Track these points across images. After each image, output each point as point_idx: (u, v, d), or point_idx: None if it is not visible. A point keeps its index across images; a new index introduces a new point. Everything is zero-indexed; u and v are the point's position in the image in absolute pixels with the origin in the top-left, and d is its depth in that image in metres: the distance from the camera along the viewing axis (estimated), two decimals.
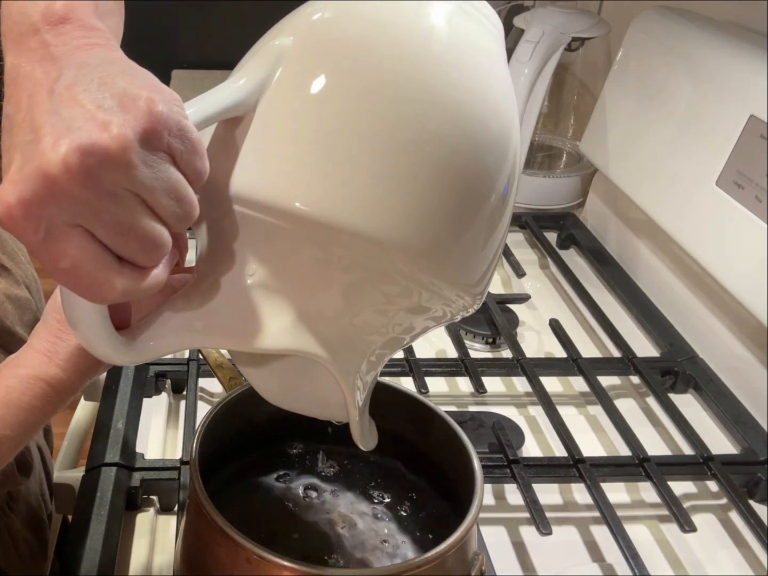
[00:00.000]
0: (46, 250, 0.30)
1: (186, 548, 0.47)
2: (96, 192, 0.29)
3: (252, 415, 0.53)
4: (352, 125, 0.35)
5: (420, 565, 0.41)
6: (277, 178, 0.35)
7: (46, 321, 0.43)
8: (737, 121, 0.76)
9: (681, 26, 0.89)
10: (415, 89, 0.35)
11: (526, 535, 0.62)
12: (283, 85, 0.36)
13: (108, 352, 0.36)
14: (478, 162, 0.36)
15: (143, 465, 0.62)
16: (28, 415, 0.41)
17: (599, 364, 0.79)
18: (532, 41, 1.00)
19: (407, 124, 0.35)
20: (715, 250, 0.77)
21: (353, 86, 0.35)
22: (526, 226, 1.05)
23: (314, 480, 0.55)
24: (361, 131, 0.35)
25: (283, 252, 0.36)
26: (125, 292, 0.32)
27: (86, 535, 0.55)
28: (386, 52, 0.35)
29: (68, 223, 0.30)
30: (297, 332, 0.37)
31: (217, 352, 0.62)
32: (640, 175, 0.91)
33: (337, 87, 0.35)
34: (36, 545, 0.65)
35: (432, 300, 0.39)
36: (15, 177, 0.29)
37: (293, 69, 0.36)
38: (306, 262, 0.36)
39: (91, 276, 0.31)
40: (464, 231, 0.37)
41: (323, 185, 0.34)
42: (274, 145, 0.35)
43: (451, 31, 0.37)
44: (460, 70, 0.36)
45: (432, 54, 0.36)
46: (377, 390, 0.46)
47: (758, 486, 0.66)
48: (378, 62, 0.35)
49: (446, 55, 0.36)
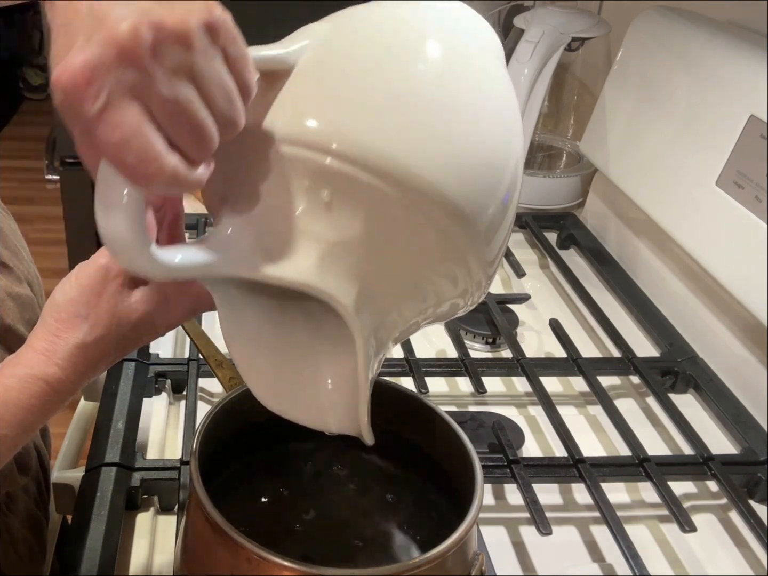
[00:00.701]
0: (102, 120, 0.31)
1: (186, 548, 0.47)
2: (159, 66, 0.31)
3: (252, 415, 0.53)
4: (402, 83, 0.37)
5: (420, 565, 0.41)
6: (344, 122, 0.36)
7: (44, 320, 0.43)
8: (737, 121, 0.76)
9: (681, 26, 0.89)
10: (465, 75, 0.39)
11: (526, 535, 0.62)
12: (333, 46, 0.39)
13: (134, 254, 0.35)
14: (508, 143, 0.40)
15: (143, 465, 0.62)
16: (26, 414, 0.41)
17: (599, 364, 0.79)
18: (532, 41, 1.00)
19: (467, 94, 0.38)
20: (715, 250, 0.77)
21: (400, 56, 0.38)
22: (526, 226, 1.05)
23: (314, 480, 0.55)
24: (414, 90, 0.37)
25: (327, 193, 0.37)
26: (171, 178, 0.32)
27: (86, 535, 0.55)
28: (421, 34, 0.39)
29: (128, 94, 0.31)
30: (324, 272, 0.37)
31: (217, 352, 0.62)
32: (640, 175, 0.91)
33: (386, 54, 0.38)
34: (35, 545, 0.65)
35: (455, 267, 0.40)
36: (81, 46, 0.30)
37: (339, 34, 0.39)
38: (348, 206, 0.37)
39: (142, 151, 0.31)
40: (492, 197, 0.39)
41: (385, 132, 0.36)
42: (337, 94, 0.37)
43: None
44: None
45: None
46: (377, 390, 0.46)
47: (758, 486, 0.66)
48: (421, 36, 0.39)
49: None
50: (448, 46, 0.39)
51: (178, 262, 0.37)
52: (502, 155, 0.40)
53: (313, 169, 0.37)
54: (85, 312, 0.42)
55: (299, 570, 0.40)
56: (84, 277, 0.43)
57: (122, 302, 0.43)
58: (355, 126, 0.36)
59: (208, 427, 0.48)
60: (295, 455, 0.55)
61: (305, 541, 0.51)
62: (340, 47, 0.39)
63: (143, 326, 0.44)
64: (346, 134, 0.36)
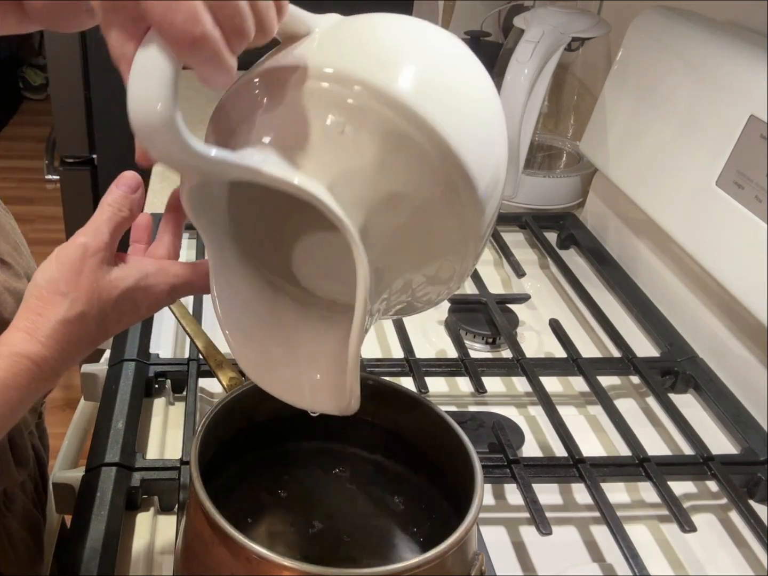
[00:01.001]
0: (181, 10, 0.33)
1: (186, 548, 0.47)
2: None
3: (252, 415, 0.53)
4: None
5: (420, 565, 0.41)
6: (370, 64, 0.40)
7: (26, 301, 0.44)
8: (737, 121, 0.76)
9: (681, 26, 0.89)
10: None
11: (526, 535, 0.62)
12: (349, 22, 0.43)
13: (167, 136, 0.35)
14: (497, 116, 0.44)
15: (143, 465, 0.62)
16: (12, 392, 0.41)
17: (599, 364, 0.79)
18: (532, 41, 1.00)
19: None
20: (715, 250, 0.77)
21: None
22: (526, 226, 1.05)
23: (314, 480, 0.55)
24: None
25: (349, 125, 0.39)
26: (212, 51, 0.35)
27: (86, 535, 0.55)
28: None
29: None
30: (336, 194, 0.39)
31: (217, 352, 0.62)
32: (640, 175, 0.91)
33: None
34: (33, 546, 0.65)
35: (453, 227, 0.42)
36: None
37: (351, 18, 0.43)
38: (366, 135, 0.39)
39: (191, 12, 0.34)
40: (489, 168, 0.42)
41: (410, 83, 0.40)
42: (363, 45, 0.41)
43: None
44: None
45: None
46: (378, 390, 0.46)
47: (758, 486, 0.66)
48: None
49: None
50: (452, 40, 0.44)
51: (214, 156, 0.37)
52: (498, 137, 0.44)
53: (340, 102, 0.39)
54: (66, 289, 0.43)
55: (299, 570, 0.40)
56: (63, 257, 0.43)
57: (102, 278, 0.43)
58: (383, 71, 0.39)
59: (208, 427, 0.48)
60: (295, 455, 0.56)
61: (305, 541, 0.51)
62: (356, 23, 0.43)
63: (124, 304, 0.44)
64: (376, 74, 0.39)
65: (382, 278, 0.42)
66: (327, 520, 0.53)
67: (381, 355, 0.82)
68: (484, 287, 0.88)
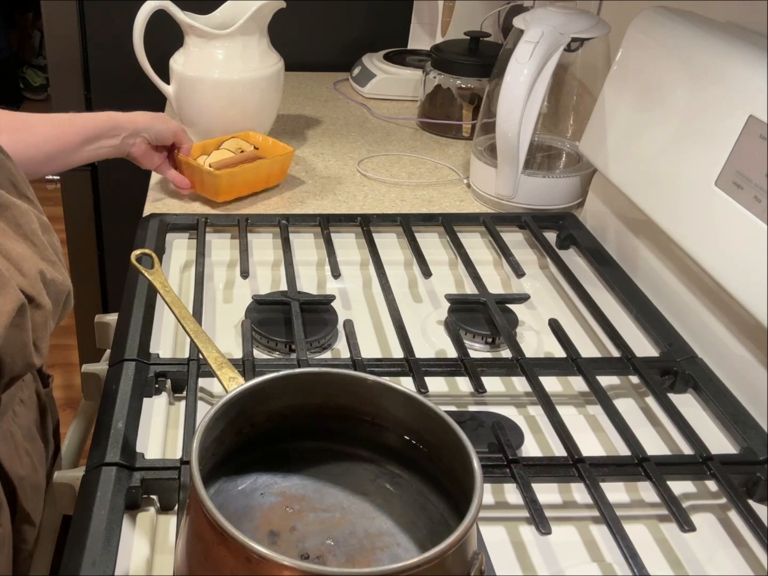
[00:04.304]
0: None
1: (186, 548, 0.47)
2: None
3: (252, 415, 0.53)
4: None
5: (419, 565, 0.41)
6: None
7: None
8: (737, 121, 0.76)
9: (680, 26, 0.89)
10: None
11: (525, 534, 0.62)
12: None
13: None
14: None
15: (143, 465, 0.62)
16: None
17: (599, 364, 0.79)
18: (531, 41, 1.00)
19: None
20: (715, 251, 0.77)
21: None
22: (525, 226, 1.05)
23: (314, 479, 0.55)
24: None
25: None
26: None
27: (86, 535, 0.55)
28: None
29: None
30: None
31: (217, 352, 0.62)
32: (640, 175, 0.91)
33: None
34: (36, 456, 0.70)
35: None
36: None
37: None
38: None
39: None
40: None
41: None
42: None
43: None
44: None
45: None
46: (378, 390, 0.46)
47: (758, 486, 0.66)
48: None
49: None
50: None
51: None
52: None
53: None
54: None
55: (299, 570, 0.40)
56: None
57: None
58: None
59: (208, 427, 0.48)
60: (295, 455, 0.56)
61: (305, 541, 0.51)
62: None
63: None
64: None
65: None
66: (326, 519, 0.53)
67: (381, 355, 0.82)
68: (483, 287, 0.88)
